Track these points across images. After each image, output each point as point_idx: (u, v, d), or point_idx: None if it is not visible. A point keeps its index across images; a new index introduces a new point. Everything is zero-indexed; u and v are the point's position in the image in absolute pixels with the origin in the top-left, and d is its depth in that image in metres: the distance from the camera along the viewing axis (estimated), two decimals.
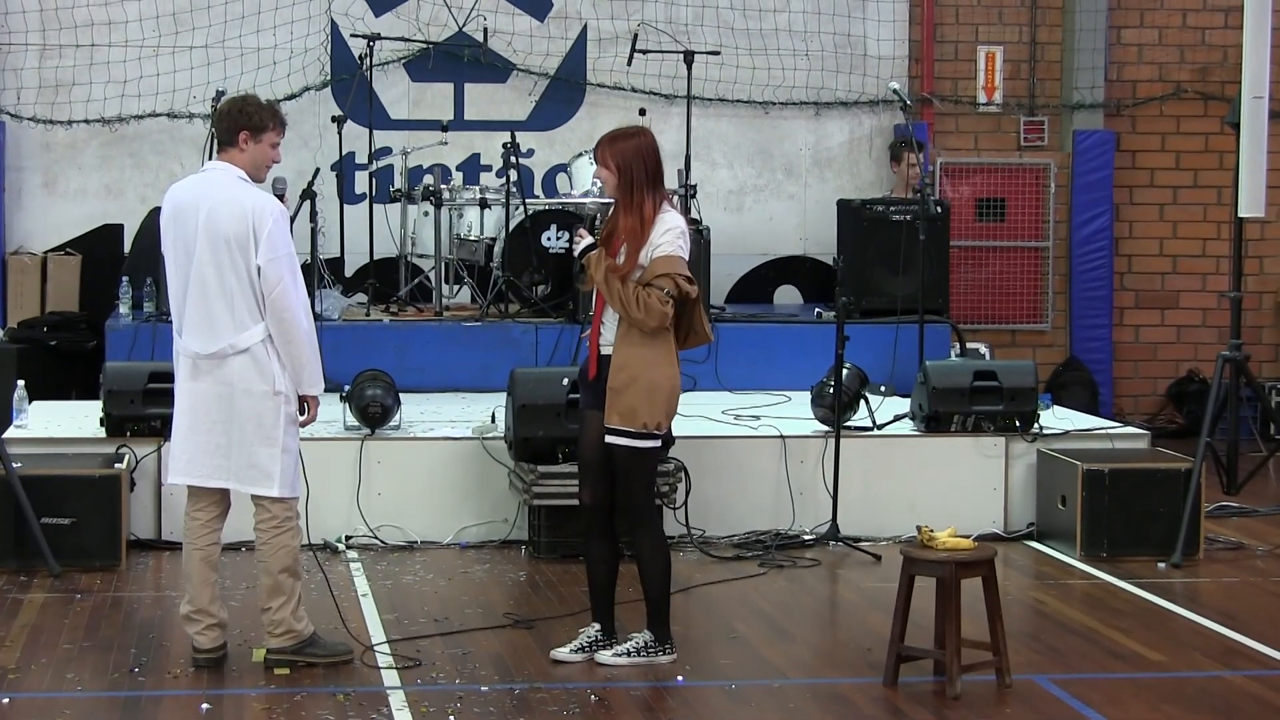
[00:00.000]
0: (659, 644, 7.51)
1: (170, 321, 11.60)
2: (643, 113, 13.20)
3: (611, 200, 7.50)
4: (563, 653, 7.54)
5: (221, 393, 7.26)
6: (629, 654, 7.47)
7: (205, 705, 6.89)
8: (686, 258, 7.35)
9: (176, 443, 7.42)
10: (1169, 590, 9.07)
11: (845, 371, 10.04)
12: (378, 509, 9.78)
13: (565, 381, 9.64)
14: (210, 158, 10.79)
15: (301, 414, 7.37)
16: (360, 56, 13.36)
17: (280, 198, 8.02)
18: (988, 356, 12.65)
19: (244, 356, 7.23)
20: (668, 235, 7.29)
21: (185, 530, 7.49)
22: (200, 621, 7.38)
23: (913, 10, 14.49)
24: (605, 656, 7.49)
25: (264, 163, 7.49)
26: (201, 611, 7.38)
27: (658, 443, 7.42)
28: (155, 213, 12.78)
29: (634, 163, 7.29)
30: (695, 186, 12.80)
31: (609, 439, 7.38)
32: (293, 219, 11.33)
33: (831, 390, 10.02)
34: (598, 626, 7.60)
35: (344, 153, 12.87)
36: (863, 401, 10.29)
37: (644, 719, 6.83)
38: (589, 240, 7.53)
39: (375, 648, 7.63)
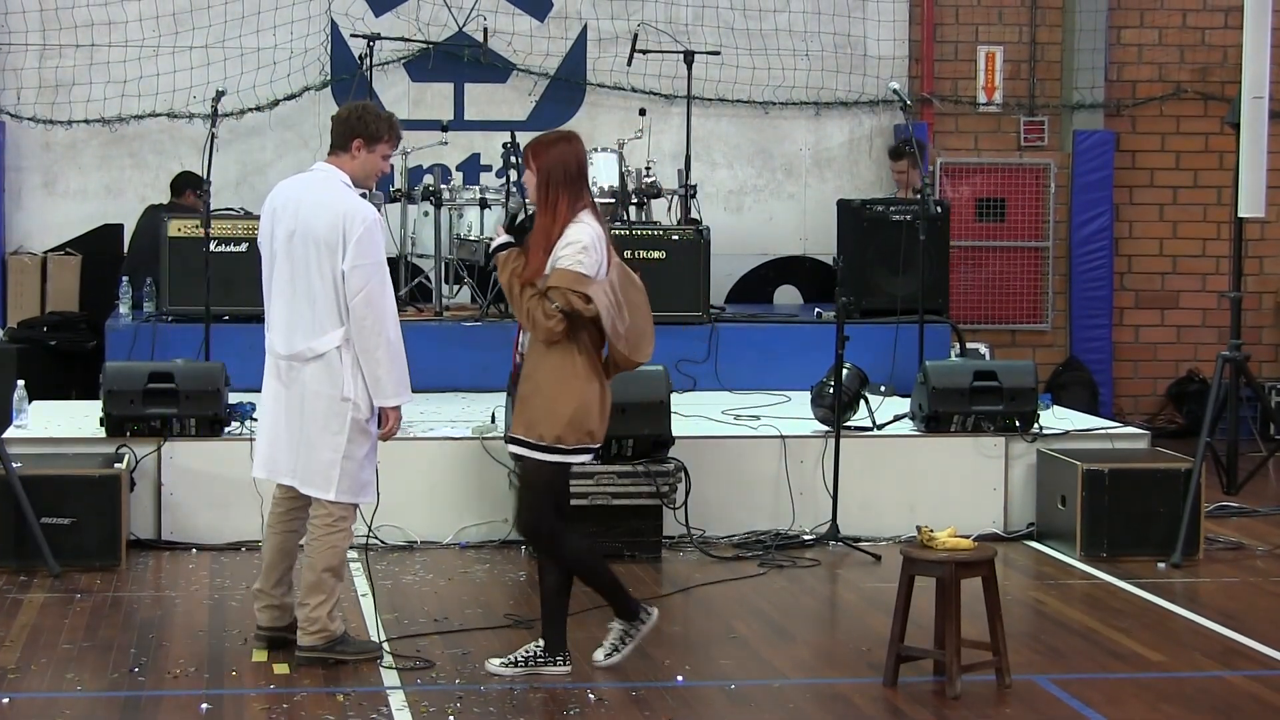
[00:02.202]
0: (548, 654, 7.31)
1: (169, 321, 11.77)
2: (643, 113, 13.22)
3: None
4: (494, 664, 7.35)
5: (295, 393, 7.38)
6: (514, 663, 7.28)
7: (205, 705, 6.89)
8: (591, 275, 7.04)
9: (258, 436, 7.66)
10: (1169, 590, 9.07)
11: (845, 371, 10.04)
12: (378, 509, 9.75)
13: None
14: (210, 158, 10.96)
15: (381, 425, 7.43)
16: (360, 56, 13.37)
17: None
18: (988, 356, 12.65)
19: (319, 361, 7.32)
20: (568, 249, 7.04)
21: (268, 515, 7.72)
22: (260, 600, 7.63)
23: (913, 10, 14.50)
24: (494, 664, 7.32)
25: (374, 172, 7.55)
26: (263, 592, 7.62)
27: (560, 457, 7.16)
28: (152, 211, 12.84)
29: (554, 167, 7.10)
30: (695, 186, 12.81)
31: (509, 447, 7.35)
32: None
33: (831, 390, 10.02)
34: (540, 642, 7.36)
35: None
36: (863, 401, 10.29)
37: (644, 719, 6.83)
38: (504, 239, 7.35)
39: (382, 644, 7.63)
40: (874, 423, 10.37)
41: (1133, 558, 9.65)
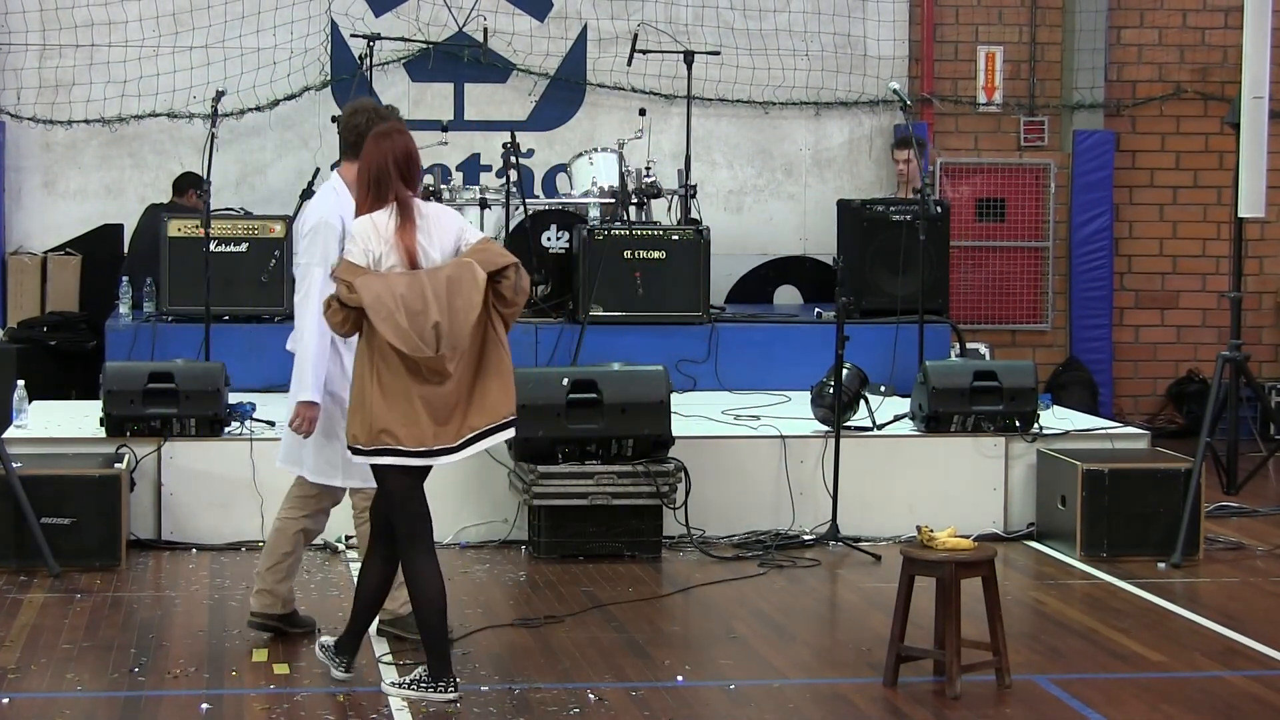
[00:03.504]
0: (432, 679, 6.97)
1: (169, 321, 11.77)
2: (643, 113, 13.22)
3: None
4: (387, 684, 7.13)
5: None
6: (404, 685, 7.02)
7: (205, 705, 6.89)
8: (359, 263, 6.86)
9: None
10: (1169, 590, 9.07)
11: (845, 371, 10.04)
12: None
13: (565, 381, 9.65)
14: (210, 158, 10.96)
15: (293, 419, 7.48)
16: (360, 56, 13.37)
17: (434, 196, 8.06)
18: (988, 356, 12.66)
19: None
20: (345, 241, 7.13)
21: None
22: (255, 584, 7.85)
23: (913, 10, 14.50)
24: (386, 685, 7.11)
25: None
26: (258, 574, 7.85)
27: (363, 459, 6.94)
28: (151, 211, 12.84)
29: (368, 165, 7.02)
30: (695, 186, 12.81)
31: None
32: (291, 218, 11.41)
33: (831, 390, 10.02)
34: (423, 667, 7.06)
35: None
36: (863, 401, 10.29)
37: (644, 719, 6.83)
38: None
39: (381, 659, 7.63)
40: (874, 423, 10.37)
41: (1133, 558, 9.65)
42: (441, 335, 6.80)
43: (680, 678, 7.35)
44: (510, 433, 7.11)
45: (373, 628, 7.56)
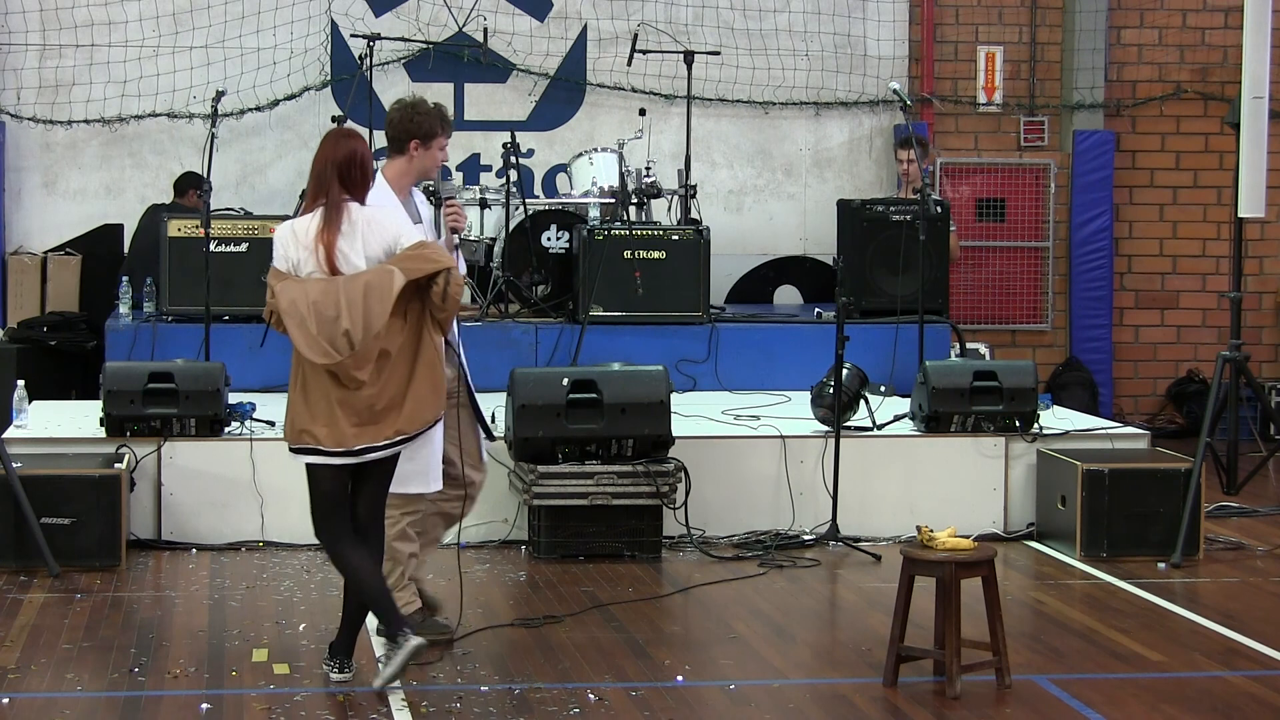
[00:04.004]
0: (330, 657, 7.28)
1: (169, 321, 11.76)
2: (643, 113, 13.23)
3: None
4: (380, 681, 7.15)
5: None
6: (385, 665, 7.11)
7: (205, 705, 6.89)
8: (281, 269, 7.00)
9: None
10: (1169, 590, 9.07)
11: (845, 371, 10.04)
12: None
13: (565, 382, 9.65)
14: (210, 158, 10.96)
15: None
16: (360, 56, 13.36)
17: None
18: (988, 356, 12.66)
19: None
20: None
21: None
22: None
23: (913, 10, 14.50)
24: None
25: (432, 167, 7.77)
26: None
27: (295, 457, 7.07)
28: (152, 211, 12.84)
29: (314, 159, 7.13)
30: (695, 186, 12.80)
31: None
32: (291, 218, 11.40)
33: (831, 390, 10.02)
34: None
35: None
36: (863, 401, 10.29)
37: (644, 719, 6.83)
38: None
39: (380, 660, 7.63)
40: (874, 423, 10.37)
41: (1133, 558, 9.65)
42: (354, 342, 6.86)
43: (680, 678, 7.35)
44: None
45: (373, 623, 7.56)
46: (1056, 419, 10.77)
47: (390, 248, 7.02)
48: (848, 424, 10.12)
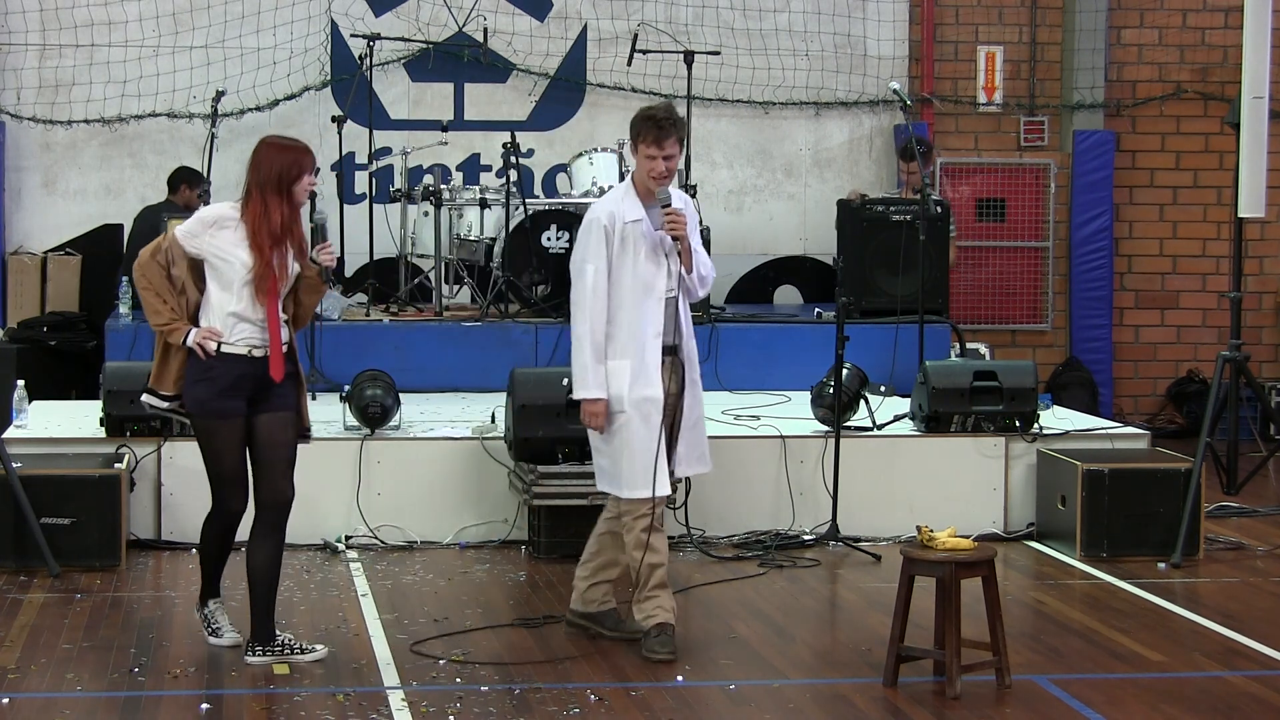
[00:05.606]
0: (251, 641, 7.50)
1: None
2: None
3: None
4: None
5: None
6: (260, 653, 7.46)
7: (205, 705, 6.89)
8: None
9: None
10: (1169, 590, 9.07)
11: (845, 371, 10.04)
12: (377, 509, 9.78)
13: (565, 382, 9.62)
14: (210, 158, 10.99)
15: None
16: (360, 56, 13.36)
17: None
18: (988, 356, 12.64)
19: None
20: None
21: None
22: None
23: (913, 10, 14.50)
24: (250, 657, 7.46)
25: (645, 172, 7.68)
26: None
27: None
28: (149, 211, 12.82)
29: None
30: (695, 186, 12.80)
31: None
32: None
33: (831, 390, 10.02)
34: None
35: (344, 153, 12.87)
36: (863, 401, 10.29)
37: (644, 719, 6.83)
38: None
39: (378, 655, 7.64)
40: (874, 423, 10.37)
41: (1133, 558, 9.65)
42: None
43: (680, 678, 7.35)
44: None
45: (374, 626, 7.55)
46: (1056, 419, 10.77)
47: None
48: (848, 424, 10.12)
